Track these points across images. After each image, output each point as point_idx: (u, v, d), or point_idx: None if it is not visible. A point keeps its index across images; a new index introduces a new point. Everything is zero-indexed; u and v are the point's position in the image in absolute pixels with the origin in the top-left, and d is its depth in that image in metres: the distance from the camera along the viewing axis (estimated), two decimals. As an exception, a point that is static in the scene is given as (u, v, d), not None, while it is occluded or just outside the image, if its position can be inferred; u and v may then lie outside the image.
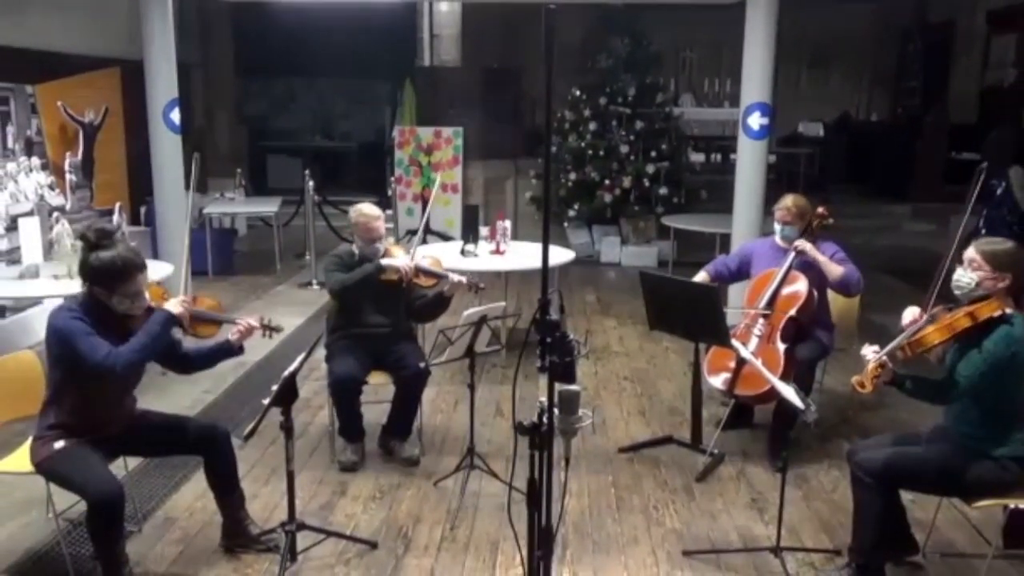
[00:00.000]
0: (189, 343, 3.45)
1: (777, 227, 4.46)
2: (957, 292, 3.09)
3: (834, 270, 4.24)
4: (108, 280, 3.04)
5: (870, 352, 3.10)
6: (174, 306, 3.13)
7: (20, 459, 3.26)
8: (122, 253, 3.07)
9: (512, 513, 2.95)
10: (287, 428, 3.17)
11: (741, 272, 4.60)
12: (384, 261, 4.15)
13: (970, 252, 3.08)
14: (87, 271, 3.07)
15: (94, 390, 3.09)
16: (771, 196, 4.87)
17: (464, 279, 4.20)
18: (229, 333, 3.37)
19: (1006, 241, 3.13)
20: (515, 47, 12.22)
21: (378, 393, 4.52)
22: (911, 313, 3.21)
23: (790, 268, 4.31)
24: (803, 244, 4.29)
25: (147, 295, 3.17)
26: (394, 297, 4.28)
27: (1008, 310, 2.98)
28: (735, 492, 4.06)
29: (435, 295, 4.32)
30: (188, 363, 3.45)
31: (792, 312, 4.22)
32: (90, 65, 7.92)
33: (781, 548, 3.34)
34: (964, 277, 3.07)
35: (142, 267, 3.10)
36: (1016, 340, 2.93)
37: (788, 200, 4.45)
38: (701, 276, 4.53)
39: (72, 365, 3.01)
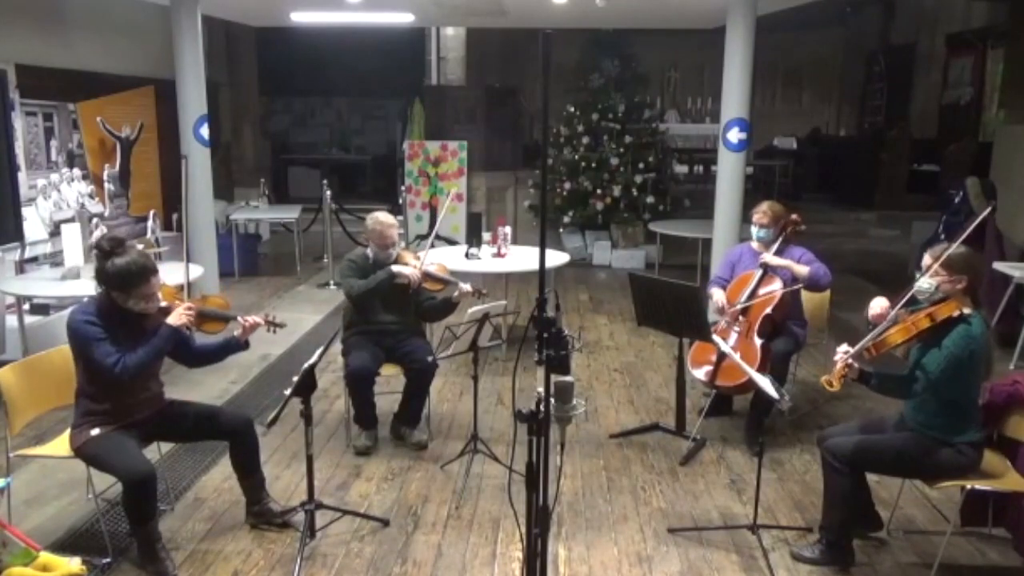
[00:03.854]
0: (199, 340, 3.46)
1: (754, 230, 4.44)
2: (920, 297, 3.07)
3: (801, 270, 4.22)
4: (124, 284, 3.02)
5: (840, 352, 3.09)
6: (176, 318, 3.04)
7: (61, 444, 3.26)
8: (136, 259, 3.03)
9: (512, 493, 2.95)
10: (306, 416, 3.17)
11: (733, 279, 4.58)
12: (395, 268, 4.15)
13: (927, 259, 3.06)
14: (104, 277, 3.05)
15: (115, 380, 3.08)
16: (749, 204, 4.87)
17: (470, 288, 4.20)
18: (235, 331, 3.37)
19: (959, 245, 3.11)
20: (515, 68, 12.23)
21: (390, 384, 4.52)
22: (878, 304, 3.18)
23: (765, 274, 4.31)
24: (767, 259, 4.29)
25: (160, 296, 3.15)
26: (404, 297, 4.28)
27: (966, 310, 2.96)
28: (716, 474, 4.05)
29: (443, 299, 4.31)
30: (197, 358, 3.45)
31: (768, 310, 4.22)
32: (127, 84, 7.91)
33: (758, 525, 3.33)
34: (924, 283, 3.05)
35: (154, 271, 3.08)
36: (973, 338, 2.91)
37: (764, 205, 4.44)
38: (718, 295, 4.44)
39: (87, 363, 3.04)
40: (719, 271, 4.76)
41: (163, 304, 3.18)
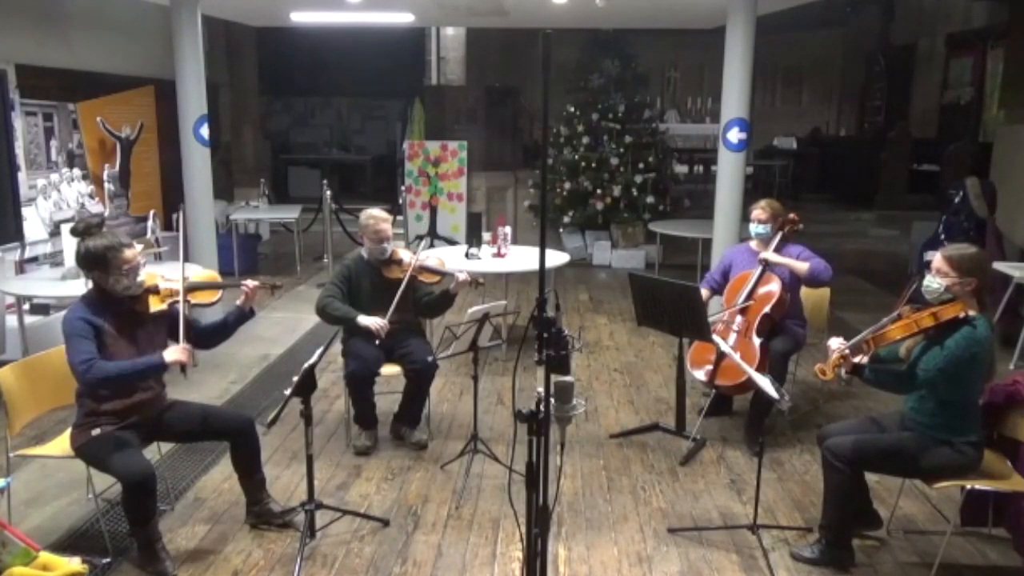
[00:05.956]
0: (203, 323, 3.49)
1: (753, 226, 4.44)
2: (929, 297, 3.05)
3: (800, 267, 4.22)
4: (102, 261, 3.06)
5: (835, 343, 3.10)
6: (172, 354, 3.04)
7: (62, 444, 3.27)
8: (108, 237, 3.11)
9: (512, 493, 2.95)
10: (307, 416, 3.17)
11: (726, 279, 4.59)
12: (361, 319, 4.06)
13: (937, 260, 3.04)
14: (82, 259, 3.09)
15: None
16: (749, 204, 4.87)
17: (466, 274, 4.19)
18: (237, 300, 3.40)
19: (970, 247, 3.10)
20: (515, 68, 12.23)
21: (390, 384, 4.52)
22: (836, 342, 3.16)
23: (763, 273, 4.31)
24: (766, 256, 4.29)
25: (142, 272, 3.16)
26: (402, 296, 4.26)
27: (972, 312, 2.95)
28: (715, 474, 4.05)
29: (441, 292, 4.31)
30: (209, 338, 3.47)
31: (766, 309, 4.22)
32: (127, 84, 7.91)
33: (758, 525, 3.34)
34: (933, 283, 3.03)
35: (128, 244, 3.13)
36: (977, 341, 2.90)
37: (763, 202, 4.45)
38: (705, 294, 4.47)
39: (67, 359, 3.03)
40: (712, 272, 4.77)
41: (149, 285, 3.21)
